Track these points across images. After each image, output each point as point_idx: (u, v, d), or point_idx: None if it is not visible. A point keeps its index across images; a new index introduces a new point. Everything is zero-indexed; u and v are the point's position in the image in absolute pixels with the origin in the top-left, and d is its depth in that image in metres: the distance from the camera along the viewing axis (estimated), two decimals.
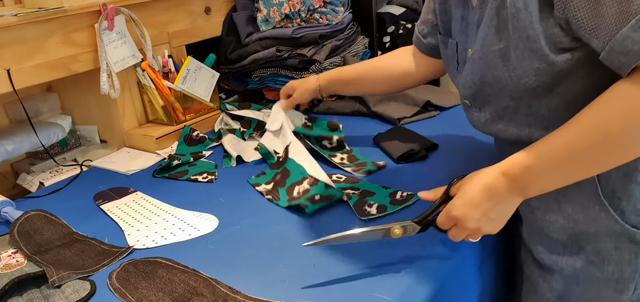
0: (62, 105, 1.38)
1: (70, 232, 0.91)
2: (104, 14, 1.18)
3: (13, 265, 0.81)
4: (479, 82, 0.75)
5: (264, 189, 0.99)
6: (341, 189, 0.94)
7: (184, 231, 0.88)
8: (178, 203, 0.99)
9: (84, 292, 0.74)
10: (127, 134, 1.30)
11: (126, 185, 1.09)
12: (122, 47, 1.23)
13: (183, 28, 1.39)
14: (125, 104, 1.29)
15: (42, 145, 1.20)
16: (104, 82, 1.18)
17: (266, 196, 0.97)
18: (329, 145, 1.14)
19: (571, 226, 0.75)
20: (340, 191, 0.92)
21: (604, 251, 0.74)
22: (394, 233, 0.73)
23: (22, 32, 1.08)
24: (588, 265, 0.75)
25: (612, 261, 0.74)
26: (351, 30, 1.51)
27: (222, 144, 1.22)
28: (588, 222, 0.73)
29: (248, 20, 1.48)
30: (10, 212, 0.97)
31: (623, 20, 0.56)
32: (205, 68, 1.36)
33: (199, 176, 1.09)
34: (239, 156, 1.15)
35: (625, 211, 0.71)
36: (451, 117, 1.26)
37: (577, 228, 0.74)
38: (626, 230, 0.71)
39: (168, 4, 1.34)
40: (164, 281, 0.74)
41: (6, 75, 1.05)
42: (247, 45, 1.45)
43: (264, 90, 1.48)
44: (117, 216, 0.97)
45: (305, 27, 1.42)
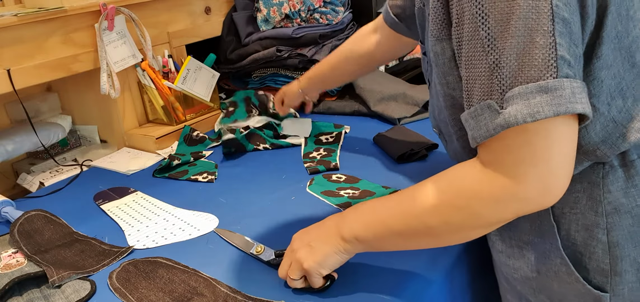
0: (62, 105, 1.38)
1: (70, 232, 0.91)
2: (104, 14, 1.18)
3: (13, 265, 0.81)
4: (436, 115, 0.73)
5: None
6: (340, 188, 0.94)
7: (184, 231, 0.88)
8: (178, 203, 0.99)
9: (84, 292, 0.74)
10: (127, 134, 1.30)
11: (126, 185, 1.09)
12: (122, 47, 1.23)
13: (183, 28, 1.39)
14: (126, 104, 1.29)
15: (43, 145, 1.20)
16: (104, 82, 1.18)
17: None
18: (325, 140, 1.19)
19: (534, 276, 0.67)
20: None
21: None
22: (256, 250, 0.77)
23: (22, 32, 1.08)
24: None
25: None
26: (351, 30, 1.51)
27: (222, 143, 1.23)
28: (550, 276, 0.65)
29: (248, 20, 1.48)
30: (10, 212, 0.97)
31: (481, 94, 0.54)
32: (205, 68, 1.36)
33: (199, 176, 1.09)
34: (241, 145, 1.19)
35: (589, 270, 0.63)
36: None
37: (540, 281, 0.67)
38: (590, 291, 0.62)
39: (168, 3, 1.34)
40: (164, 280, 0.74)
41: (6, 75, 1.05)
42: (247, 45, 1.45)
43: (264, 90, 1.48)
44: (117, 215, 0.97)
45: (306, 27, 1.41)
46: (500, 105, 0.52)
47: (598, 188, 0.61)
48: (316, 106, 1.42)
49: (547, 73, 0.50)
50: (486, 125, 0.53)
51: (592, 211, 0.61)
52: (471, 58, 0.55)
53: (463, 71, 0.57)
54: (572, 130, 0.53)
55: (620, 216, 0.60)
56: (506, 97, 0.52)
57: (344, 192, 0.92)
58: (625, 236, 0.60)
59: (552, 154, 0.52)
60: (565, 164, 0.53)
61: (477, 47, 0.54)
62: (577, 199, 0.62)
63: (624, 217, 0.60)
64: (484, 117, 0.53)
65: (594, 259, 0.62)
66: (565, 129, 0.53)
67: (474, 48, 0.54)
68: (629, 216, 0.60)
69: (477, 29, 0.53)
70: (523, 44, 0.51)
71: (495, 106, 0.52)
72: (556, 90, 0.50)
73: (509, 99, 0.51)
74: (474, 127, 0.55)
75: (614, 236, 0.61)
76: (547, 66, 0.50)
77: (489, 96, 0.53)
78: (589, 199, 0.61)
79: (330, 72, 1.14)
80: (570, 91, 0.50)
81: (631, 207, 0.60)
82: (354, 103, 1.37)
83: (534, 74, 0.50)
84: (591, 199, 0.61)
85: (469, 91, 0.56)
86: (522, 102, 0.50)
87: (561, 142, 0.52)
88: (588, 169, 0.61)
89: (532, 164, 0.53)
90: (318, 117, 1.38)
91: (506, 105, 0.51)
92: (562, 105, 0.50)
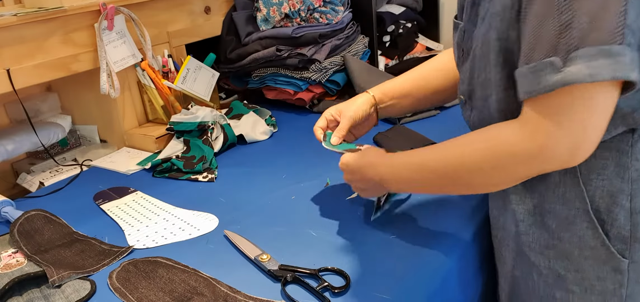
0: (62, 105, 1.38)
1: (70, 232, 0.91)
2: (103, 14, 1.18)
3: (13, 265, 0.81)
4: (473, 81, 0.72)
5: None
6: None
7: (184, 231, 0.88)
8: (178, 203, 0.99)
9: (84, 292, 0.74)
10: (127, 133, 1.30)
11: (126, 185, 1.09)
12: (121, 46, 1.23)
13: (183, 27, 1.39)
14: (125, 103, 1.29)
15: (42, 145, 1.20)
16: (103, 82, 1.18)
17: None
18: None
19: (554, 244, 0.69)
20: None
21: (585, 281, 0.68)
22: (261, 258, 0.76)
23: (22, 32, 1.08)
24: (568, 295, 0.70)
25: (595, 291, 0.68)
26: (351, 30, 1.51)
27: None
28: (574, 242, 0.67)
29: (248, 19, 1.48)
30: (10, 212, 0.97)
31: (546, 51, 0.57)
32: (205, 67, 1.36)
33: (199, 176, 1.09)
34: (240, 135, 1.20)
35: (610, 236, 0.66)
36: (451, 117, 1.26)
37: (561, 248, 0.69)
38: (612, 256, 0.66)
39: (168, 3, 1.34)
40: (164, 280, 0.74)
41: (6, 75, 1.05)
42: (247, 45, 1.45)
43: (264, 89, 1.48)
44: (117, 215, 0.97)
45: (305, 26, 1.41)
46: (563, 62, 0.54)
47: (626, 156, 0.64)
48: (316, 105, 1.42)
49: (615, 39, 0.53)
50: (546, 80, 0.56)
51: (618, 177, 0.64)
52: (543, 15, 0.56)
53: (528, 27, 0.59)
54: (613, 99, 0.57)
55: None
56: (570, 57, 0.54)
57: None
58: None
59: (591, 119, 0.56)
60: (599, 130, 0.58)
61: (551, 4, 0.55)
62: (605, 166, 0.64)
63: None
64: (545, 72, 0.56)
65: (615, 226, 0.65)
66: (609, 96, 0.56)
67: (548, 5, 0.56)
68: None
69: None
70: (597, 8, 0.53)
71: (558, 63, 0.55)
72: (618, 56, 0.53)
73: (573, 58, 0.54)
74: (532, 82, 0.57)
75: (637, 202, 0.64)
76: (615, 32, 0.53)
77: (554, 53, 0.55)
78: (616, 166, 0.64)
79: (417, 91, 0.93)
80: (630, 58, 0.53)
81: None
82: None
83: (602, 37, 0.53)
84: (619, 165, 0.64)
85: (532, 47, 0.58)
86: (584, 62, 0.53)
87: (603, 108, 0.56)
88: (618, 136, 0.64)
89: (571, 126, 0.56)
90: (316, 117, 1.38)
91: (569, 64, 0.54)
92: (619, 71, 0.53)
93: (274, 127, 1.32)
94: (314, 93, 1.41)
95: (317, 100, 1.43)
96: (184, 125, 1.22)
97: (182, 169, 1.11)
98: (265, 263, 0.75)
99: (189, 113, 1.25)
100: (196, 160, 1.14)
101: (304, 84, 1.40)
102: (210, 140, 1.20)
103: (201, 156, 1.15)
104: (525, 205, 0.71)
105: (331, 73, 1.41)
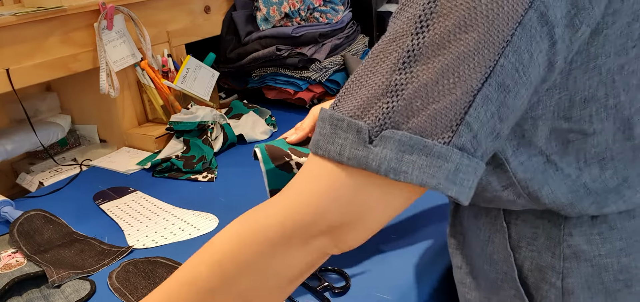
0: (62, 104, 1.38)
1: (70, 232, 0.91)
2: (103, 13, 1.18)
3: (13, 265, 0.81)
4: None
5: None
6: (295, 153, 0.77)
7: (184, 231, 0.88)
8: (178, 203, 0.99)
9: (84, 292, 0.74)
10: (127, 133, 1.30)
11: (126, 184, 1.09)
12: (121, 46, 1.23)
13: (182, 27, 1.39)
14: (125, 103, 1.29)
15: (42, 145, 1.20)
16: (103, 82, 1.18)
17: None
18: None
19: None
20: None
21: None
22: None
23: (22, 32, 1.08)
24: None
25: None
26: (351, 29, 1.51)
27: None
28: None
29: (248, 19, 1.48)
30: (9, 212, 0.97)
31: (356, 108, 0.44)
32: (204, 67, 1.35)
33: (199, 176, 1.09)
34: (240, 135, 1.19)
35: None
36: None
37: None
38: None
39: (167, 3, 1.34)
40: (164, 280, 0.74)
41: (5, 75, 1.05)
42: (247, 44, 1.45)
43: (264, 89, 1.48)
44: (117, 215, 0.96)
45: (305, 26, 1.41)
46: (371, 137, 0.42)
47: (558, 228, 0.53)
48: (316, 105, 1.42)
49: (441, 135, 0.41)
50: (342, 146, 0.43)
51: (549, 252, 0.54)
52: (376, 61, 0.44)
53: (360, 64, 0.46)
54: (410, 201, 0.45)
55: (579, 262, 0.53)
56: (383, 134, 0.41)
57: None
58: (582, 285, 0.53)
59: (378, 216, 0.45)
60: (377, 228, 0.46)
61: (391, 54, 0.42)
62: (535, 236, 0.54)
63: (583, 265, 0.53)
64: (346, 137, 0.43)
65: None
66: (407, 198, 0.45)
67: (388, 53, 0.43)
68: (589, 265, 0.53)
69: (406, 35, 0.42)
70: (440, 89, 0.40)
71: (365, 134, 0.42)
72: (438, 159, 0.40)
73: (386, 139, 0.41)
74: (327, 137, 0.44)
75: (569, 283, 0.54)
76: (445, 127, 0.40)
77: (364, 116, 0.42)
78: (547, 238, 0.54)
79: None
80: (453, 166, 0.41)
81: (592, 255, 0.53)
82: None
83: (427, 128, 0.41)
84: (550, 238, 0.54)
85: (347, 91, 0.45)
86: (395, 151, 0.41)
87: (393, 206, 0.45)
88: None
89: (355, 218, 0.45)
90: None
91: (378, 143, 0.41)
92: (433, 178, 0.41)
93: (273, 127, 1.32)
94: (314, 93, 1.40)
95: (317, 100, 1.43)
96: (183, 125, 1.22)
97: (182, 168, 1.11)
98: None
99: (188, 113, 1.24)
100: (196, 160, 1.13)
101: (304, 84, 1.40)
102: (210, 140, 1.20)
103: (201, 156, 1.14)
104: (461, 252, 0.64)
105: (331, 73, 1.41)
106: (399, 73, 0.41)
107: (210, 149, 1.16)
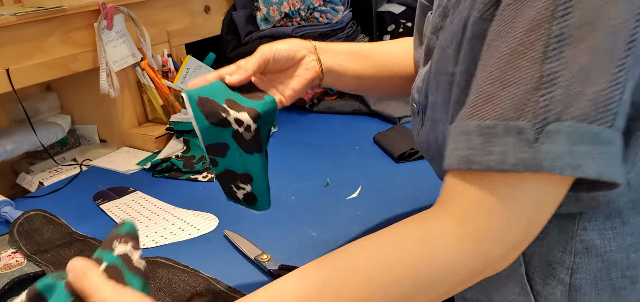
0: (62, 104, 1.38)
1: (70, 232, 0.91)
2: (103, 13, 1.18)
3: (13, 265, 0.81)
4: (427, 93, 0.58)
5: None
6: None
7: (183, 231, 0.88)
8: (178, 203, 0.99)
9: None
10: (127, 133, 1.30)
11: (126, 184, 1.09)
12: (121, 46, 1.23)
13: (182, 27, 1.39)
14: (125, 103, 1.29)
15: (42, 145, 1.20)
16: (103, 82, 1.18)
17: None
18: None
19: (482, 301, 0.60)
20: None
21: None
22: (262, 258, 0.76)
23: (21, 32, 1.08)
24: None
25: None
26: (351, 29, 1.50)
27: None
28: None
29: (248, 19, 1.48)
30: (9, 212, 0.97)
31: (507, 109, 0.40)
32: (205, 67, 1.35)
33: (199, 176, 1.09)
34: None
35: None
36: None
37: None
38: None
39: (167, 2, 1.34)
40: (164, 280, 0.74)
41: (5, 75, 1.05)
42: (247, 44, 1.45)
43: None
44: (116, 215, 0.96)
45: (305, 25, 1.41)
46: (536, 134, 0.38)
47: (572, 222, 0.52)
48: (316, 105, 1.42)
49: (605, 117, 0.38)
50: (505, 154, 0.39)
51: (559, 246, 0.52)
52: (515, 53, 0.40)
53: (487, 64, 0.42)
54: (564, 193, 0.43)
55: (590, 258, 0.52)
56: (549, 129, 0.38)
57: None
58: (590, 281, 0.52)
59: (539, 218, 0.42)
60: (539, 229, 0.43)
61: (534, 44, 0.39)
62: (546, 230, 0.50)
63: (594, 261, 0.52)
64: (504, 142, 0.39)
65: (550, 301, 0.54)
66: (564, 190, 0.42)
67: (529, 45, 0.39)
68: (600, 260, 0.52)
69: (547, 22, 0.38)
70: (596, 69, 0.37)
71: (528, 133, 0.38)
72: (609, 145, 0.38)
73: (552, 133, 0.38)
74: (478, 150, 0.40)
75: (577, 278, 0.52)
76: (606, 109, 0.38)
77: (521, 116, 0.38)
78: (559, 232, 0.52)
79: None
80: (618, 150, 0.39)
81: (604, 250, 0.51)
82: (354, 102, 1.37)
83: (590, 113, 0.37)
84: (562, 232, 0.52)
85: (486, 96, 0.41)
86: (566, 144, 0.37)
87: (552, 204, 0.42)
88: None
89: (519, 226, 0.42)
90: (316, 116, 1.38)
91: (544, 139, 0.38)
92: (607, 166, 0.38)
93: (273, 127, 1.32)
94: (314, 92, 1.40)
95: (317, 99, 1.42)
96: (183, 125, 1.21)
97: (182, 168, 1.11)
98: (265, 263, 0.75)
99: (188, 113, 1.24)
100: (196, 160, 1.13)
101: None
102: None
103: (201, 156, 1.14)
104: None
105: None
106: (550, 61, 0.38)
107: None
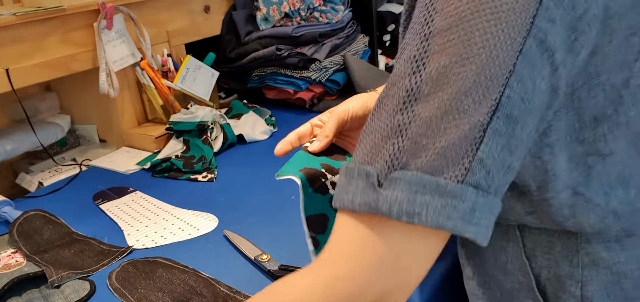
0: (61, 104, 1.38)
1: (69, 232, 0.91)
2: (102, 13, 1.17)
3: (12, 265, 0.81)
4: None
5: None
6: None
7: (183, 231, 0.88)
8: (178, 203, 0.98)
9: (84, 292, 0.73)
10: (126, 133, 1.30)
11: (125, 184, 1.09)
12: (121, 46, 1.23)
13: (182, 27, 1.38)
14: (125, 103, 1.29)
15: (41, 145, 1.20)
16: (103, 81, 1.18)
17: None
18: None
19: None
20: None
21: None
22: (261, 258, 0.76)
23: (21, 32, 1.08)
24: None
25: None
26: (351, 29, 1.50)
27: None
28: None
29: (247, 18, 1.48)
30: (9, 212, 0.97)
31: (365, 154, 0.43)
32: (204, 67, 1.35)
33: (199, 176, 1.09)
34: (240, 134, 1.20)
35: None
36: None
37: None
38: None
39: (167, 2, 1.34)
40: (164, 280, 0.74)
41: (5, 75, 1.05)
42: (247, 44, 1.45)
43: (264, 89, 1.48)
44: (116, 215, 0.96)
45: (305, 25, 1.41)
46: (380, 180, 0.41)
47: (574, 237, 0.51)
48: (316, 105, 1.42)
49: (453, 172, 0.39)
50: (353, 194, 0.42)
51: (566, 261, 0.52)
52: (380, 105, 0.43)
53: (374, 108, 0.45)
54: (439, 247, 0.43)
55: (599, 270, 0.51)
56: (392, 176, 0.40)
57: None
58: (602, 293, 0.52)
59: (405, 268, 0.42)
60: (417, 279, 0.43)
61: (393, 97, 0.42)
62: (551, 244, 0.53)
63: (603, 273, 0.52)
64: (356, 184, 0.42)
65: None
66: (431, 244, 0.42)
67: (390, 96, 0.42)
68: (609, 272, 0.51)
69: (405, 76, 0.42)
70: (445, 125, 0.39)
71: (373, 178, 0.41)
72: (453, 198, 0.39)
73: (395, 180, 0.40)
74: (342, 188, 0.43)
75: (588, 291, 0.52)
76: (457, 163, 0.39)
77: (372, 161, 0.42)
78: (564, 247, 0.52)
79: None
80: (470, 206, 0.39)
81: (612, 263, 0.51)
82: None
83: (437, 166, 0.39)
84: (566, 247, 0.52)
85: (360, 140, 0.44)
86: (406, 191, 0.39)
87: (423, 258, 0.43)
88: None
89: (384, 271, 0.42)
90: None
91: (387, 185, 0.40)
92: (449, 219, 0.39)
93: (273, 127, 1.32)
94: (314, 92, 1.40)
95: (317, 99, 1.42)
96: (183, 125, 1.21)
97: (182, 168, 1.11)
98: (265, 263, 0.75)
99: (188, 113, 1.24)
100: (196, 160, 1.13)
101: (304, 84, 1.40)
102: (210, 140, 1.20)
103: (201, 156, 1.14)
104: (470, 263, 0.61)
105: (331, 72, 1.41)
106: (401, 113, 0.41)
107: (210, 149, 1.16)
